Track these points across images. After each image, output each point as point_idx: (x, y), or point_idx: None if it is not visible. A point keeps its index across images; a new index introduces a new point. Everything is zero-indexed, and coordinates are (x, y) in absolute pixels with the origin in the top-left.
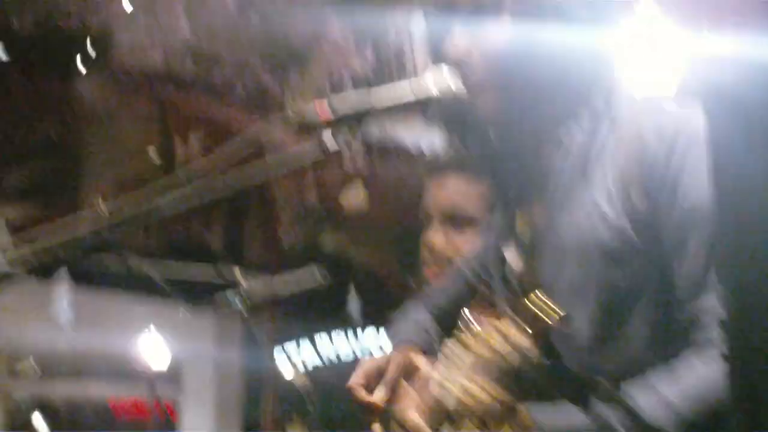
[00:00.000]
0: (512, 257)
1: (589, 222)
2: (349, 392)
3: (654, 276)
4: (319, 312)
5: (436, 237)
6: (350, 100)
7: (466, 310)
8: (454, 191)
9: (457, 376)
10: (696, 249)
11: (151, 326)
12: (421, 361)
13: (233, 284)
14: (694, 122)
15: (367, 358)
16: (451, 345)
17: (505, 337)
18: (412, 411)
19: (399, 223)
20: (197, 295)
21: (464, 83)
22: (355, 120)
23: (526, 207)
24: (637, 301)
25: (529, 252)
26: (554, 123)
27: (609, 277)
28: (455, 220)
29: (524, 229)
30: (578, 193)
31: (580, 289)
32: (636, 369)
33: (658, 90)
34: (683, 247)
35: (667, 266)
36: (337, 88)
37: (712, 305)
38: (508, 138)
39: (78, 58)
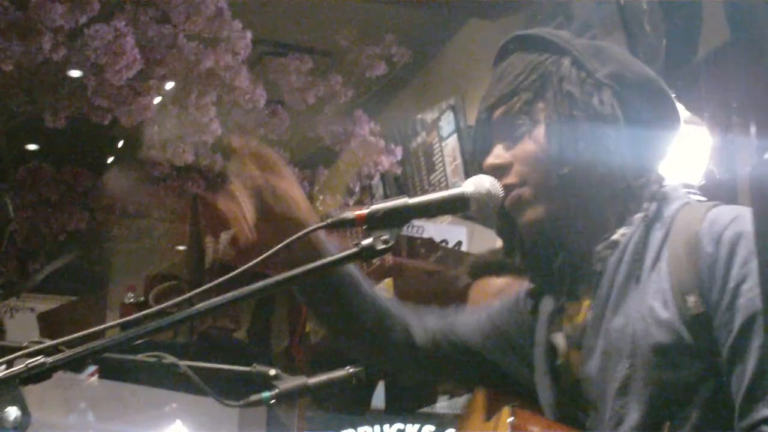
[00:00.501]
0: (561, 345)
1: (643, 324)
2: None
3: (710, 380)
4: (345, 407)
5: None
6: (387, 202)
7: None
8: (493, 291)
9: None
10: (757, 356)
11: (178, 421)
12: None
13: (263, 378)
14: (749, 225)
15: None
16: None
17: None
18: None
19: None
20: (226, 389)
21: (506, 193)
22: (393, 221)
23: (575, 303)
24: (691, 404)
25: (576, 344)
26: (606, 226)
27: (662, 378)
28: None
29: (572, 323)
30: (631, 295)
31: (632, 388)
32: None
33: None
34: (744, 354)
35: (725, 371)
36: (365, 184)
37: None
38: (558, 240)
39: (108, 153)
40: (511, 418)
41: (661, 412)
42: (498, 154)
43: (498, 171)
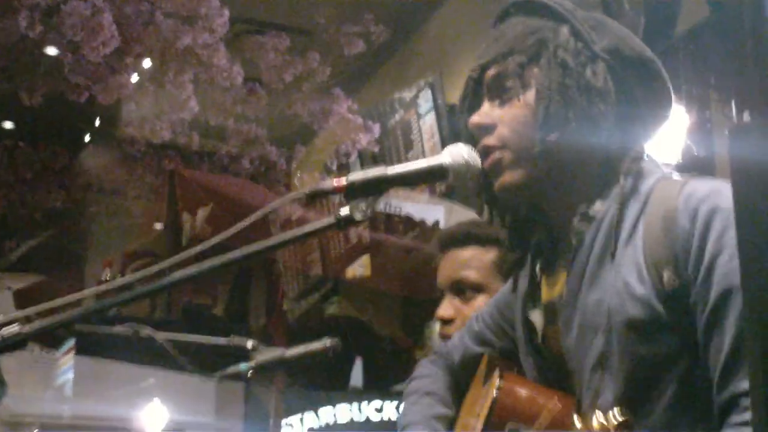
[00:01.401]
0: (538, 322)
1: (618, 299)
2: None
3: (686, 355)
4: (323, 383)
5: (444, 309)
6: (366, 171)
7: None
8: (459, 262)
9: None
10: (733, 330)
11: (155, 399)
12: None
13: (241, 351)
14: (728, 201)
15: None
16: None
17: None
18: None
19: (404, 293)
20: (203, 362)
21: (486, 154)
22: (371, 191)
23: (552, 277)
24: (666, 378)
25: (554, 319)
26: (582, 199)
27: (637, 352)
28: (462, 289)
29: (550, 298)
30: (607, 270)
31: (608, 363)
32: None
33: (665, 160)
34: (720, 328)
35: (701, 346)
36: (343, 162)
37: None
38: (536, 209)
39: (85, 130)
40: (499, 381)
41: (637, 386)
42: (484, 113)
43: (481, 130)
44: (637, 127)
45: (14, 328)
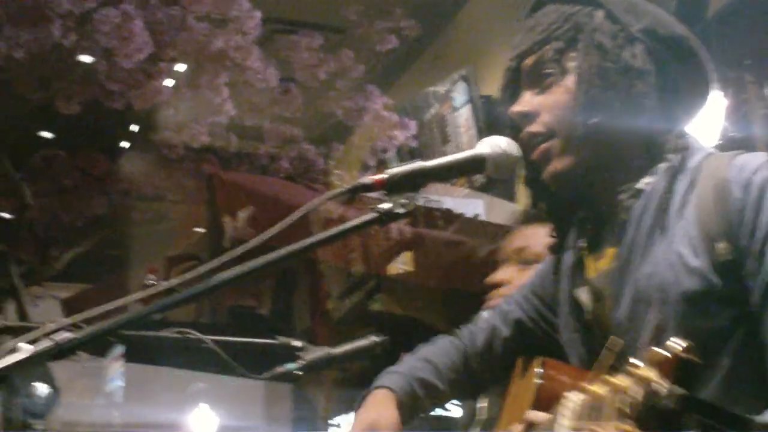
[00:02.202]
0: (585, 298)
1: (672, 271)
2: None
3: (742, 327)
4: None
5: (504, 273)
6: (405, 166)
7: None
8: (526, 234)
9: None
10: None
11: (204, 403)
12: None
13: (288, 351)
14: None
15: None
16: (574, 397)
17: (650, 384)
18: None
19: (447, 287)
20: (251, 364)
21: (531, 143)
22: (411, 184)
23: (597, 254)
24: (722, 351)
25: (601, 295)
26: (629, 176)
27: (694, 325)
28: (524, 258)
29: (596, 273)
30: (658, 243)
31: (663, 335)
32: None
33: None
34: None
35: (756, 317)
36: (381, 158)
37: None
38: (581, 190)
39: (123, 136)
40: (540, 369)
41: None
42: (525, 101)
43: (524, 118)
44: (679, 106)
45: (67, 335)
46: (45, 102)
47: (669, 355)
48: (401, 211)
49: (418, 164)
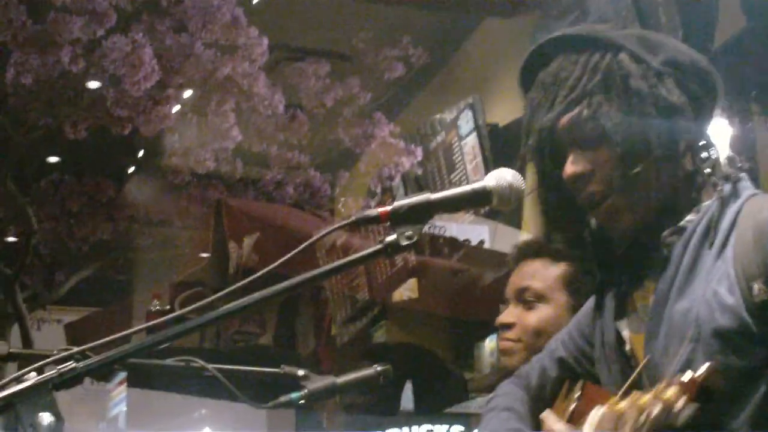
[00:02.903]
0: (626, 332)
1: (707, 308)
2: None
3: None
4: (373, 408)
5: (505, 315)
6: (410, 198)
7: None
8: (527, 272)
9: None
10: None
11: (207, 428)
12: None
13: (292, 379)
14: None
15: None
16: (595, 414)
17: (668, 402)
18: None
19: (452, 315)
20: (255, 392)
21: (594, 201)
22: (416, 217)
23: (641, 290)
24: (752, 390)
25: (640, 328)
26: (676, 211)
27: (725, 360)
28: (525, 298)
29: (640, 308)
30: (696, 281)
31: (690, 367)
32: None
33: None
34: None
35: None
36: (386, 185)
37: None
38: (626, 228)
39: (129, 162)
40: (580, 391)
41: (724, 396)
42: (576, 161)
43: (581, 180)
44: (708, 129)
45: (70, 364)
46: (52, 127)
47: (691, 376)
48: (406, 243)
49: (424, 197)
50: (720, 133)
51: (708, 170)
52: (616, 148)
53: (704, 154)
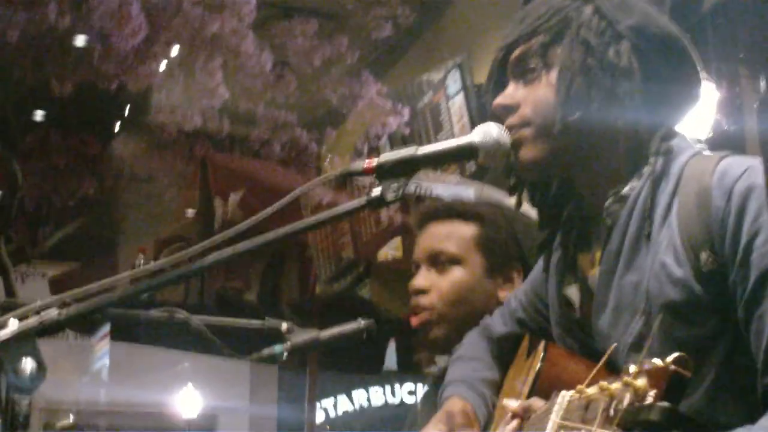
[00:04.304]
0: (575, 297)
1: (656, 281)
2: None
3: (727, 336)
4: (356, 367)
5: (419, 279)
6: (396, 152)
7: (541, 364)
8: (438, 235)
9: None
10: None
11: (189, 384)
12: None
13: (275, 333)
14: (761, 178)
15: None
16: (563, 397)
17: (638, 392)
18: None
19: None
20: (238, 345)
21: (511, 133)
22: (402, 171)
23: (587, 254)
24: (707, 361)
25: (591, 297)
26: (613, 178)
27: (677, 335)
28: (439, 261)
29: (586, 275)
30: (643, 251)
31: (643, 341)
32: (707, 423)
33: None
34: (759, 311)
35: (742, 328)
36: (373, 144)
37: None
38: (566, 187)
39: (116, 118)
40: (544, 352)
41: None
42: (507, 94)
43: (504, 110)
44: (666, 106)
45: (53, 313)
46: (39, 83)
47: (661, 365)
48: (391, 197)
49: (410, 151)
50: (707, 97)
51: (647, 141)
52: (552, 90)
53: (648, 127)
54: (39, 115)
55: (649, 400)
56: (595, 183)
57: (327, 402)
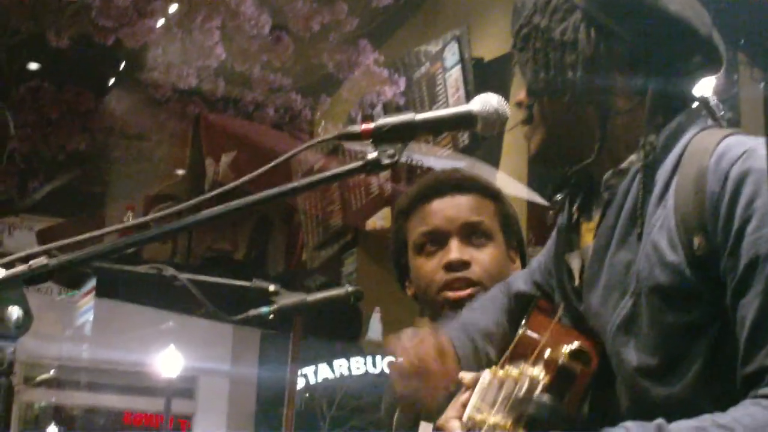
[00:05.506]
0: (576, 265)
1: (647, 263)
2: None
3: (717, 323)
4: (340, 335)
5: (460, 251)
6: (394, 117)
7: (524, 329)
8: (467, 206)
9: (488, 409)
10: (759, 301)
11: (172, 344)
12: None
13: (262, 294)
14: (761, 162)
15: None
16: (488, 374)
17: (532, 381)
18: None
19: None
20: (225, 305)
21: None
22: (399, 136)
23: (590, 221)
24: (696, 347)
25: (586, 270)
26: (616, 154)
27: (666, 319)
28: (474, 233)
29: (586, 243)
30: (637, 230)
31: (633, 325)
32: (692, 409)
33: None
34: (746, 298)
35: (730, 315)
36: (368, 113)
37: None
38: (572, 162)
39: (110, 74)
40: (525, 320)
41: (665, 355)
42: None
43: (520, 104)
44: (660, 75)
45: (42, 261)
46: (35, 34)
47: (553, 356)
48: (387, 161)
49: (408, 116)
50: (703, 84)
51: (648, 113)
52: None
53: (656, 95)
54: (33, 66)
55: (539, 390)
56: (600, 156)
57: (308, 370)
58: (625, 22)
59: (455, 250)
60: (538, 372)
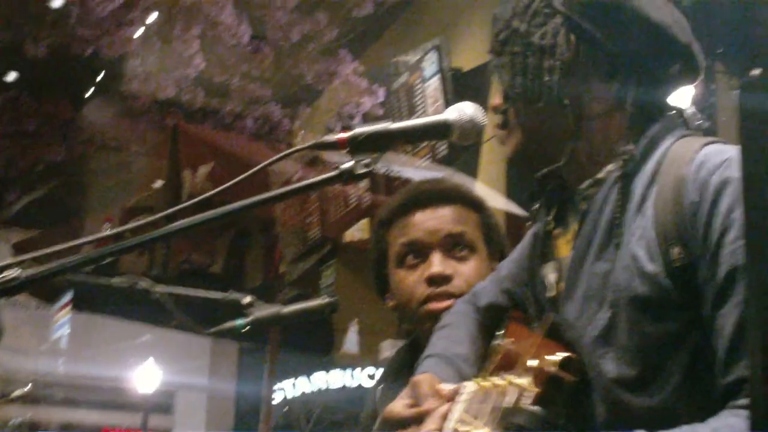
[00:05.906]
0: (551, 276)
1: (626, 274)
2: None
3: (696, 333)
4: (316, 349)
5: (441, 265)
6: (370, 126)
7: (502, 341)
8: (449, 217)
9: (473, 421)
10: (737, 313)
11: (150, 358)
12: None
13: (237, 307)
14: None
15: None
16: (472, 386)
17: (522, 391)
18: None
19: None
20: (200, 317)
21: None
22: (375, 145)
23: (566, 232)
24: (676, 358)
25: (563, 278)
26: (592, 160)
27: (645, 330)
28: (456, 245)
29: (561, 254)
30: (615, 241)
31: (613, 338)
32: (670, 420)
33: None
34: (724, 309)
35: (708, 326)
36: (346, 124)
37: None
38: (547, 166)
39: (88, 84)
40: (502, 332)
41: (644, 366)
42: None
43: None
44: (638, 84)
45: (13, 273)
46: (12, 43)
47: (541, 366)
48: (362, 170)
49: (384, 125)
50: (681, 93)
51: (629, 120)
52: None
53: (633, 103)
54: (11, 76)
55: (528, 400)
56: (576, 163)
57: (286, 383)
58: (606, 28)
59: (437, 264)
60: (527, 382)
